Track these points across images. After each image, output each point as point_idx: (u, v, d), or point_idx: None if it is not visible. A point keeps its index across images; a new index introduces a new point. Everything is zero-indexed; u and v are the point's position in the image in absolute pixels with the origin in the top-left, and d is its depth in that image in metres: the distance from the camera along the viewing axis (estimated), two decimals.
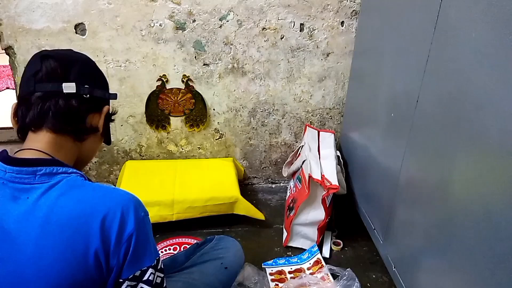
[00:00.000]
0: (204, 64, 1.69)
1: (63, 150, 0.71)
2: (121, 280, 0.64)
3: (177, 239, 1.52)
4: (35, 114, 0.68)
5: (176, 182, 1.62)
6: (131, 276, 0.65)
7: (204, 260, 1.09)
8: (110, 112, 0.82)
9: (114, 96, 0.80)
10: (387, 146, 1.28)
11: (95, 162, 1.82)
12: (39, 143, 0.69)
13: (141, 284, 0.66)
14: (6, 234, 0.60)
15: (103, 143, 0.85)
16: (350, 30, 1.69)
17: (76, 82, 0.70)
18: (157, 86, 1.69)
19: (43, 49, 0.73)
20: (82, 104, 0.72)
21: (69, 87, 0.69)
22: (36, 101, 0.68)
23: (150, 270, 0.67)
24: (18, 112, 0.71)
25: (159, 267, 0.69)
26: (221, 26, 1.62)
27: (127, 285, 0.65)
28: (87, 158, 0.81)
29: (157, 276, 0.68)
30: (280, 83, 1.76)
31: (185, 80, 1.69)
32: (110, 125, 0.85)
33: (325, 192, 1.39)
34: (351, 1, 1.64)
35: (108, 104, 0.80)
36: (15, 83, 1.63)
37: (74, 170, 0.69)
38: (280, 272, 1.38)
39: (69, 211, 0.62)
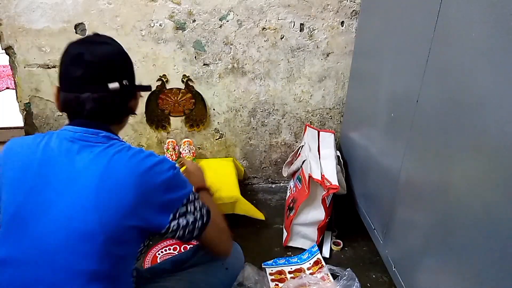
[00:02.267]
0: (204, 64, 1.69)
1: (114, 130, 0.87)
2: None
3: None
4: (88, 112, 0.81)
5: None
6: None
7: (206, 260, 1.10)
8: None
9: (149, 88, 0.96)
10: (387, 146, 1.28)
11: None
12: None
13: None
14: (72, 178, 0.75)
15: None
16: (350, 30, 1.69)
17: (119, 80, 0.83)
18: (157, 86, 1.69)
19: (72, 44, 0.83)
20: (124, 97, 0.86)
21: (114, 87, 0.82)
22: (87, 100, 0.80)
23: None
24: (69, 108, 0.83)
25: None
26: (221, 26, 1.62)
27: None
28: (122, 128, 0.95)
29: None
30: (280, 83, 1.77)
31: (185, 80, 1.69)
32: None
33: (325, 192, 1.39)
34: (351, 1, 1.64)
35: (140, 89, 0.93)
36: (15, 83, 1.63)
37: (124, 141, 0.85)
38: (280, 272, 1.38)
39: (123, 165, 0.77)
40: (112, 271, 0.75)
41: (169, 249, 1.49)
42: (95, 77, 0.81)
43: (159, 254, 1.47)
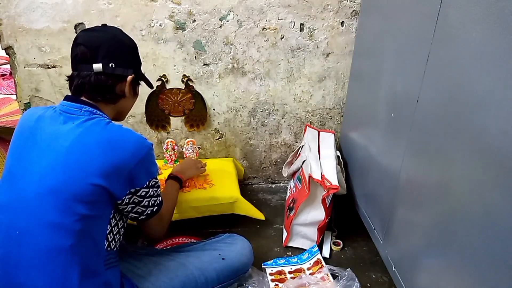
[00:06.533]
0: (204, 64, 1.69)
1: (102, 109, 0.97)
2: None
3: (177, 239, 1.52)
4: (75, 87, 0.95)
5: None
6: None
7: (204, 249, 1.19)
8: (135, 77, 1.04)
9: (128, 72, 1.01)
10: (387, 146, 1.28)
11: None
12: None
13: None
14: (52, 143, 0.88)
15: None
16: (350, 30, 1.69)
17: (103, 62, 0.94)
18: (157, 86, 1.69)
19: (79, 32, 0.98)
20: (109, 78, 0.96)
21: (97, 67, 0.94)
22: (76, 77, 0.95)
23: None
24: (69, 84, 0.98)
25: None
26: (221, 26, 1.62)
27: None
28: (124, 113, 1.09)
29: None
30: (280, 83, 1.76)
31: (185, 80, 1.69)
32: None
33: (325, 192, 1.39)
34: (351, 1, 1.64)
35: (134, 73, 1.02)
36: (15, 83, 1.63)
37: (109, 118, 0.96)
38: (280, 272, 1.38)
39: (95, 134, 0.89)
40: (75, 226, 0.83)
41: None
42: (82, 58, 0.94)
43: None
